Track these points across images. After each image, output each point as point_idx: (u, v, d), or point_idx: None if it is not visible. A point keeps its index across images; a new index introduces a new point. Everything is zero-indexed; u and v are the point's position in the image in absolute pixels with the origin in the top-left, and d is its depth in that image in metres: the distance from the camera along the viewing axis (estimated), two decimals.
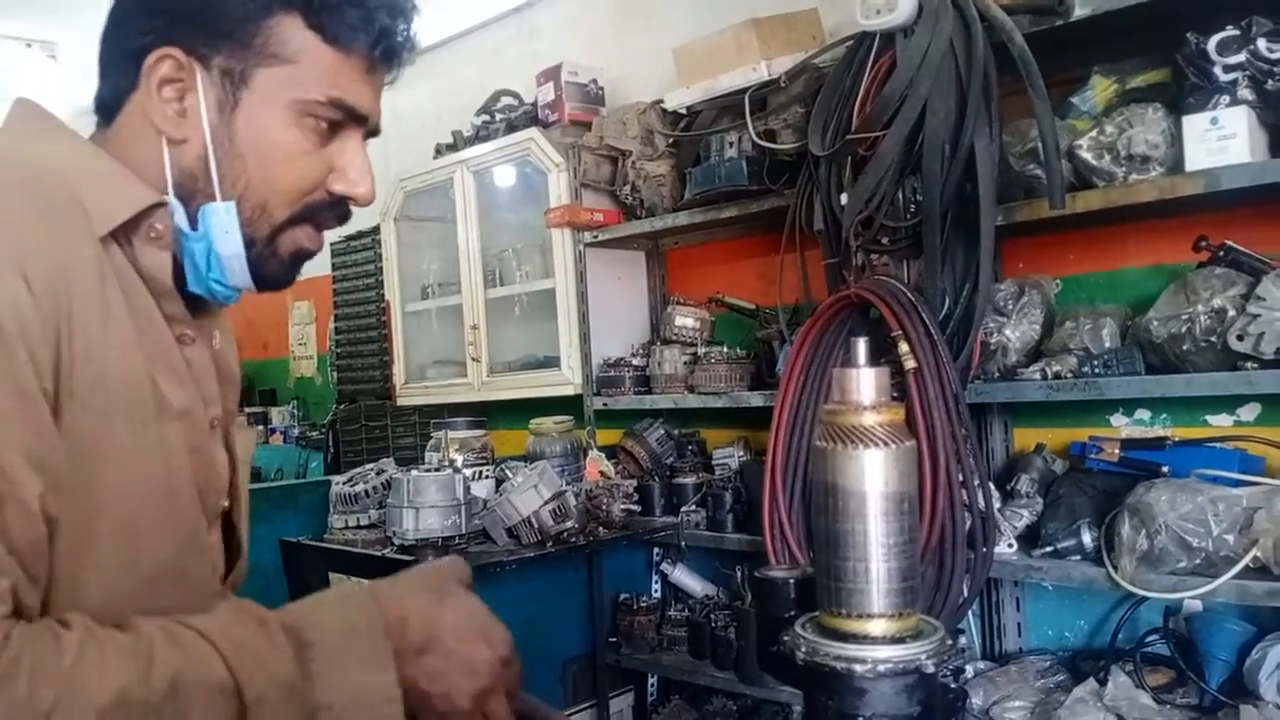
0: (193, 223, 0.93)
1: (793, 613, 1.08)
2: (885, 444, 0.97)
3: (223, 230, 0.92)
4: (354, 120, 0.96)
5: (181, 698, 0.77)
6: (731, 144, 2.92)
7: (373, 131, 1.01)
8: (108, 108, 0.96)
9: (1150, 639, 2.40)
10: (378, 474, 2.91)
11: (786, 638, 1.01)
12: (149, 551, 0.88)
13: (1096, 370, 2.28)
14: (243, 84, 0.91)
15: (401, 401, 4.33)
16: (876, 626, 0.97)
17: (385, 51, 0.96)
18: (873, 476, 0.97)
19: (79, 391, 0.81)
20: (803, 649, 0.98)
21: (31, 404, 0.77)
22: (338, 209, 0.99)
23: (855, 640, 0.97)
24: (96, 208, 0.86)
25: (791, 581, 1.10)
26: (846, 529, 0.98)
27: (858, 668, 0.94)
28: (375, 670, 0.88)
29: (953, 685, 1.06)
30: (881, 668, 0.94)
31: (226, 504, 1.01)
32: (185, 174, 0.92)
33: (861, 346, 1.02)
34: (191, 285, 0.95)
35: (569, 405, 3.55)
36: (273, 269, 0.97)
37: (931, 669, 0.95)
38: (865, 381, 1.00)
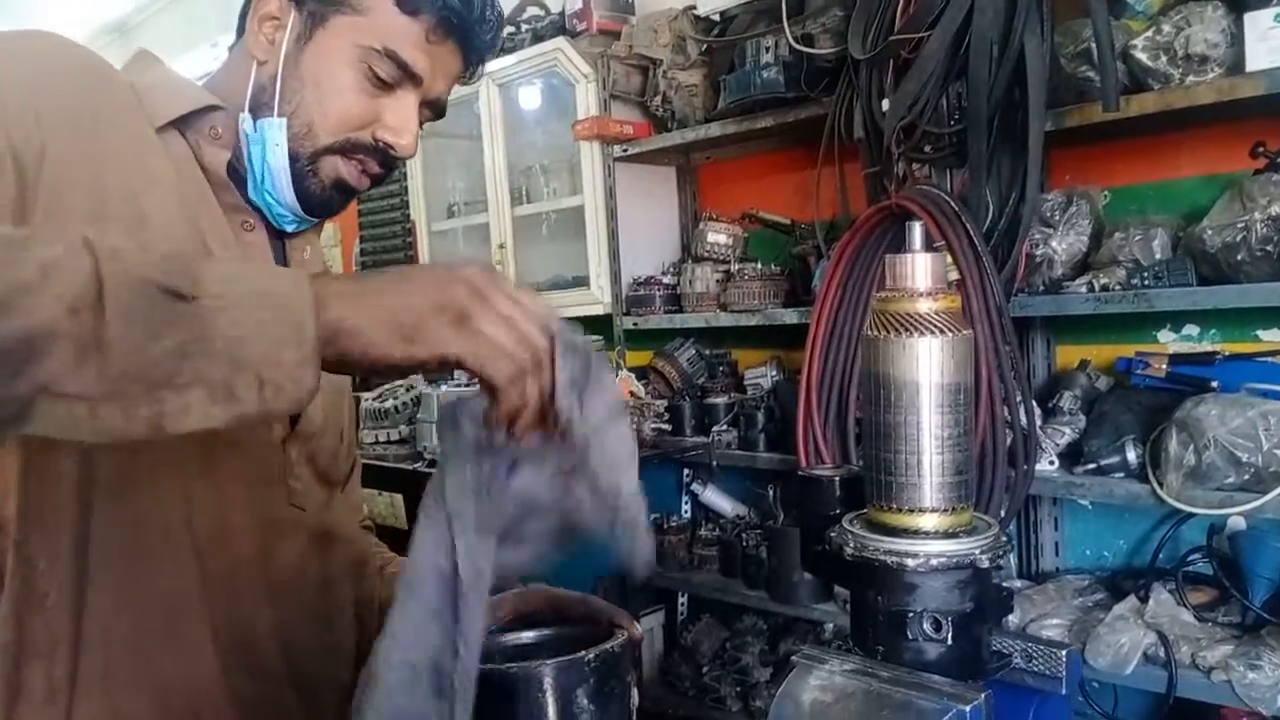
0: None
1: (838, 511, 1.05)
2: (941, 332, 0.92)
3: (274, 143, 1.02)
4: (409, 79, 1.04)
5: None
6: (768, 49, 2.81)
7: (433, 106, 1.09)
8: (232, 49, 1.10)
9: (1192, 558, 2.35)
10: (407, 390, 2.89)
11: (833, 534, 0.98)
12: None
13: (1146, 282, 2.20)
14: (320, 23, 1.03)
15: None
16: (928, 521, 0.93)
17: (445, 23, 1.03)
18: (927, 366, 0.92)
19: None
20: (851, 545, 0.95)
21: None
22: (378, 154, 1.06)
23: (906, 535, 0.93)
24: (160, 102, 1.00)
25: (837, 479, 1.07)
26: (898, 421, 0.93)
27: (909, 562, 0.90)
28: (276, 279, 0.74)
29: (1003, 585, 1.02)
30: (934, 562, 0.90)
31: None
32: (259, 89, 1.03)
33: (917, 230, 0.96)
34: (251, 194, 1.05)
35: (598, 326, 3.50)
36: (313, 189, 1.04)
37: (986, 564, 0.91)
38: (920, 267, 0.94)
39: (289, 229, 1.09)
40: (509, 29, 3.74)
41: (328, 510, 1.11)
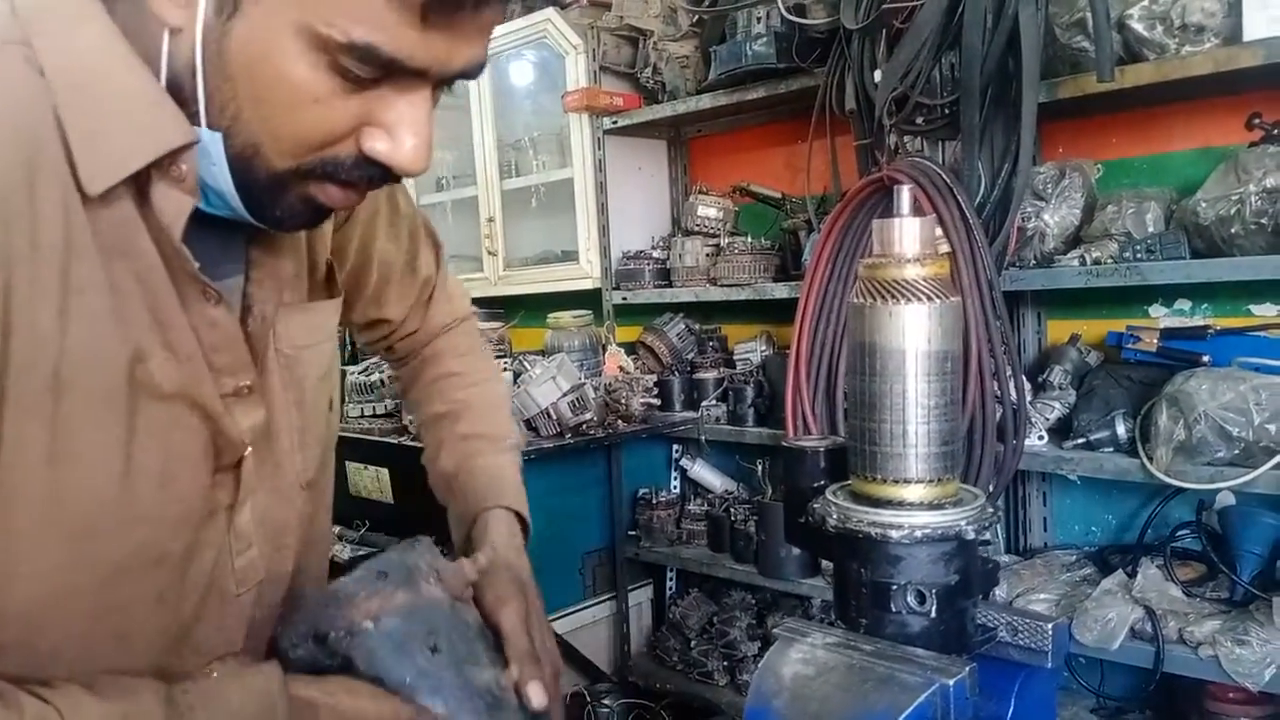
0: None
1: (822, 483, 1.03)
2: (929, 298, 0.90)
3: (209, 161, 0.72)
4: (403, 74, 0.71)
5: None
6: (759, 20, 2.77)
7: (462, 75, 0.75)
8: None
9: (1181, 533, 2.35)
10: None
11: (816, 506, 0.96)
12: (105, 552, 0.77)
13: (1139, 255, 2.18)
14: None
15: None
16: (913, 492, 0.91)
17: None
18: (914, 333, 0.90)
19: (18, 397, 0.69)
20: (834, 516, 0.93)
21: None
22: (372, 169, 0.75)
23: (891, 506, 0.91)
24: (107, 152, 0.69)
25: (821, 450, 1.04)
26: (884, 389, 0.91)
27: (893, 534, 0.88)
28: None
29: (990, 558, 1.01)
30: (919, 533, 0.88)
31: (248, 451, 0.87)
32: (174, 79, 0.71)
33: (905, 194, 0.93)
34: (203, 207, 0.77)
35: (587, 300, 3.48)
36: (278, 214, 0.77)
37: (972, 535, 0.89)
38: (908, 231, 0.92)
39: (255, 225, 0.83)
40: None
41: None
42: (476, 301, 3.69)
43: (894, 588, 0.89)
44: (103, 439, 0.74)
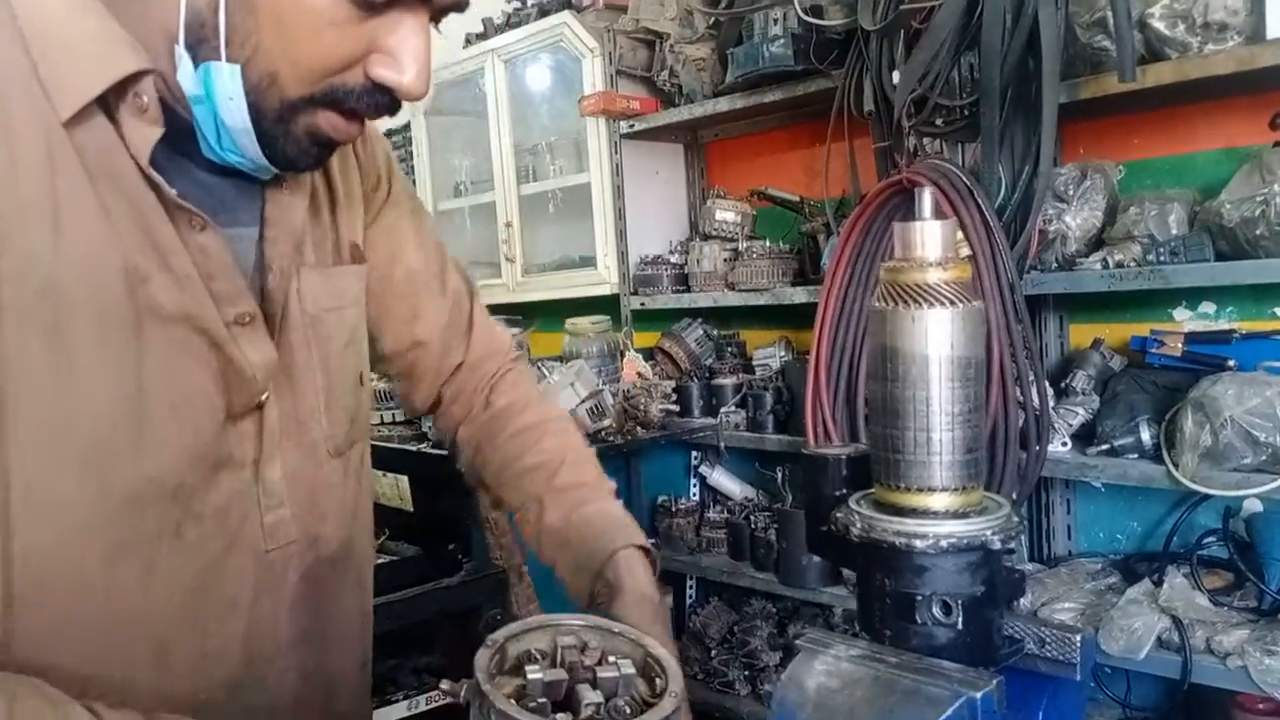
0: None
1: (844, 491, 1.01)
2: (951, 303, 0.88)
3: (226, 96, 0.76)
4: None
5: None
6: (776, 21, 2.76)
7: (451, 8, 0.82)
8: None
9: (1207, 541, 2.31)
10: None
11: (839, 515, 0.94)
12: (117, 480, 0.78)
13: (1162, 258, 2.15)
14: None
15: None
16: (938, 501, 0.89)
17: None
18: (937, 338, 0.88)
19: (15, 307, 0.72)
20: (857, 525, 0.91)
21: None
22: (378, 97, 0.81)
23: (915, 515, 0.89)
24: (70, 80, 0.75)
25: (843, 458, 1.03)
26: (907, 396, 0.89)
27: (918, 543, 0.86)
28: None
29: (1015, 568, 0.99)
30: (944, 543, 0.86)
31: (265, 395, 0.89)
32: (195, 17, 0.75)
33: (927, 196, 0.92)
34: (207, 155, 0.82)
35: (605, 306, 3.47)
36: (287, 150, 0.81)
37: (997, 545, 0.87)
38: (930, 235, 0.90)
39: (265, 178, 0.89)
40: (514, 4, 3.69)
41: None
42: (494, 309, 3.73)
43: (919, 598, 0.87)
44: (109, 357, 0.77)
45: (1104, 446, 2.26)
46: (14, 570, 0.74)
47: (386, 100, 0.81)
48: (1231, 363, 2.20)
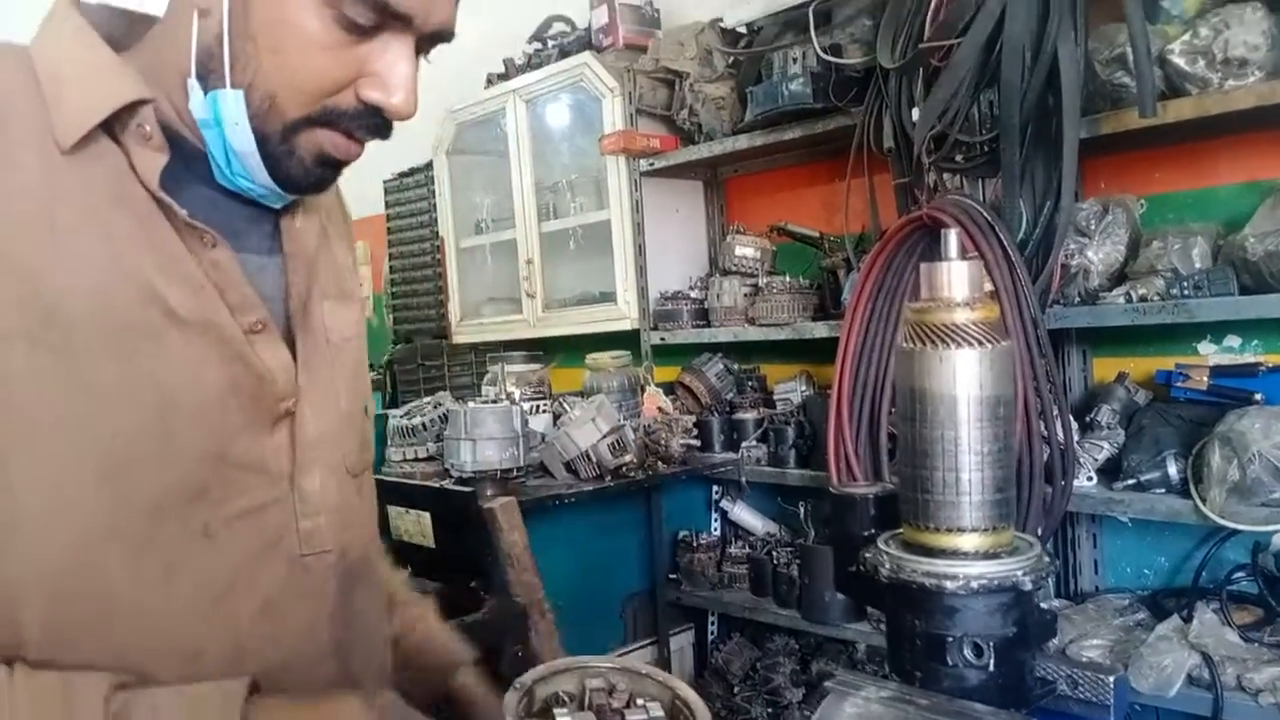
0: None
1: (871, 531, 1.01)
2: (979, 343, 0.88)
3: (232, 121, 0.82)
4: (394, 20, 0.83)
5: None
6: (795, 60, 2.79)
7: (436, 37, 0.88)
8: None
9: (1236, 576, 2.28)
10: (435, 407, 2.87)
11: (868, 555, 0.94)
12: (140, 490, 0.81)
13: (1186, 292, 2.15)
14: None
15: (457, 339, 4.29)
16: (968, 542, 0.89)
17: None
18: (965, 379, 0.88)
19: (22, 329, 0.76)
20: (887, 566, 0.91)
21: None
22: (370, 118, 0.86)
23: (945, 556, 0.89)
24: (73, 110, 0.80)
25: (871, 497, 1.03)
26: (936, 437, 0.90)
27: (949, 584, 0.86)
28: None
29: (1046, 608, 0.98)
30: (975, 584, 0.86)
31: (291, 404, 0.91)
32: (204, 50, 0.82)
33: (953, 237, 0.93)
34: (219, 181, 0.87)
35: (626, 341, 3.48)
36: (293, 171, 0.86)
37: (1029, 586, 0.87)
38: (957, 275, 0.91)
39: (276, 206, 0.93)
40: (535, 45, 3.74)
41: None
42: (515, 345, 3.75)
43: (950, 640, 0.87)
44: (126, 373, 0.80)
45: (1130, 481, 2.25)
46: (35, 574, 0.77)
47: (378, 121, 0.87)
48: (1258, 396, 2.18)
